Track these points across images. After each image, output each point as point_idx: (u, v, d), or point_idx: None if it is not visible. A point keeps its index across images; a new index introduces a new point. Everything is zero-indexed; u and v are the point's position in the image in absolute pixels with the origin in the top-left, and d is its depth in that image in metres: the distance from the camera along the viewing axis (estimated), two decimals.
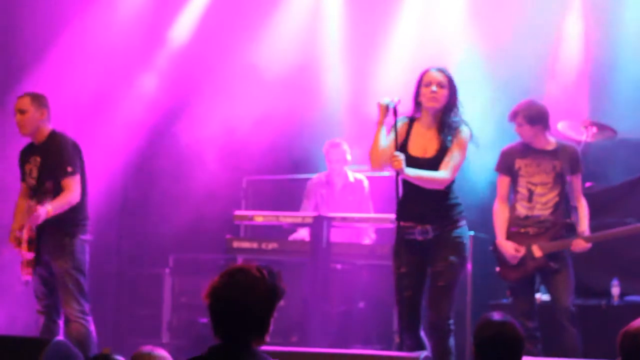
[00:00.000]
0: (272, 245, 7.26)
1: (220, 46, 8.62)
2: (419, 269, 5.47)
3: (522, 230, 6.22)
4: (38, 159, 6.17)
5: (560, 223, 6.19)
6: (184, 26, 8.97)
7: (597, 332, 6.33)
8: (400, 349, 5.57)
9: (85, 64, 8.44)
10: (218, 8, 8.86)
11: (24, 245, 6.03)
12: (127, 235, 9.01)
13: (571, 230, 6.22)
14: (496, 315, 3.67)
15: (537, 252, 6.14)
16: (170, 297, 8.43)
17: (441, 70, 5.50)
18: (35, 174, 6.17)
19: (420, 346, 5.41)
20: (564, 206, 6.20)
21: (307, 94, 8.67)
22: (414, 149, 5.44)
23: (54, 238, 6.05)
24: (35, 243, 6.03)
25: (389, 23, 8.73)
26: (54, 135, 6.22)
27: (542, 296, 6.65)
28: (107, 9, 8.65)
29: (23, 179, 6.31)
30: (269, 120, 8.51)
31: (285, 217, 7.33)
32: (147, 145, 8.69)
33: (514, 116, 6.28)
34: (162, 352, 3.83)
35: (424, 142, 5.46)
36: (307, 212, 7.55)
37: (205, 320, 7.97)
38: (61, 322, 6.18)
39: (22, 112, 6.15)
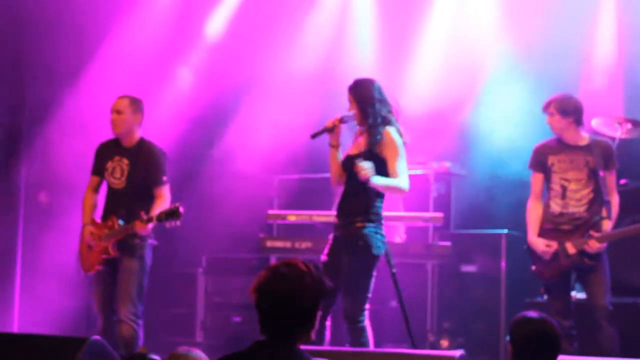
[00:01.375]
0: (305, 245, 7.27)
1: (253, 47, 8.63)
2: (334, 262, 5.76)
3: (557, 227, 6.18)
4: (126, 161, 6.33)
5: (593, 218, 6.13)
6: (218, 27, 9.01)
7: (633, 330, 6.28)
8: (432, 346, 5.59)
9: (122, 65, 8.51)
10: (251, 8, 8.88)
11: (110, 245, 6.20)
12: (160, 235, 9.04)
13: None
14: (533, 313, 3.64)
15: (570, 249, 6.10)
16: (203, 296, 8.47)
17: (348, 89, 5.94)
18: (119, 175, 6.33)
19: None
20: (600, 202, 6.14)
21: (339, 92, 8.65)
22: (353, 150, 5.87)
23: (126, 239, 6.21)
24: (118, 243, 6.24)
25: (421, 22, 8.70)
26: (145, 143, 6.40)
27: (577, 294, 6.60)
28: (144, 9, 8.72)
29: (97, 173, 6.46)
30: (301, 119, 8.51)
31: (318, 216, 7.33)
32: (180, 147, 8.71)
33: (547, 106, 6.25)
34: (199, 353, 3.83)
35: (357, 143, 5.88)
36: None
37: (238, 319, 8.01)
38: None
39: (118, 112, 6.32)
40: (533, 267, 6.29)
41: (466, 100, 8.23)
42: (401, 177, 5.72)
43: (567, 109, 6.16)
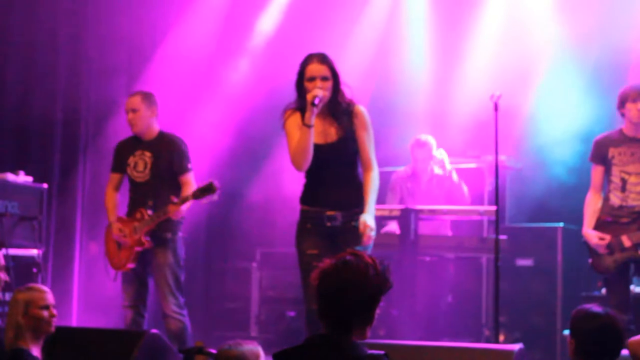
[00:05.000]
0: None
1: (305, 45, 8.64)
2: (326, 254, 4.92)
3: (616, 220, 6.10)
4: (148, 154, 6.29)
5: None
6: (268, 26, 9.05)
7: None
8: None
9: (175, 63, 8.59)
10: (302, 6, 8.90)
11: (142, 236, 6.16)
12: (215, 229, 9.12)
13: None
14: (597, 308, 3.58)
15: (626, 242, 6.02)
16: (257, 290, 8.51)
17: (323, 61, 5.17)
18: (142, 168, 6.28)
19: None
20: None
21: (391, 88, 8.63)
22: (315, 137, 5.12)
23: (157, 233, 6.18)
24: (150, 234, 6.20)
25: (475, 14, 8.64)
26: (165, 135, 6.39)
27: (636, 288, 6.52)
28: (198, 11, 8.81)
29: (118, 170, 6.42)
30: None
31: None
32: (235, 141, 8.77)
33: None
34: (247, 346, 3.81)
35: (322, 129, 5.18)
36: (394, 205, 7.52)
37: (293, 313, 8.03)
38: (147, 316, 6.30)
39: (134, 110, 6.28)
40: (590, 260, 6.22)
41: (521, 93, 8.16)
42: (375, 167, 5.29)
43: None
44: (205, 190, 6.03)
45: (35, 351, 4.39)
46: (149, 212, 6.18)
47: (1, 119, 7.96)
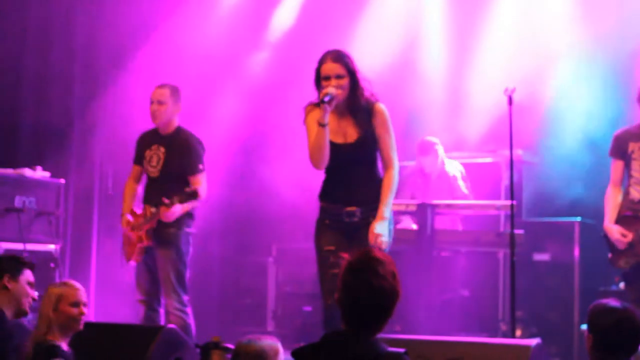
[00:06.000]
0: None
1: (320, 40, 8.64)
2: (343, 250, 5.02)
3: (636, 214, 6.06)
4: (162, 150, 6.21)
5: None
6: (284, 22, 9.04)
7: None
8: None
9: (192, 56, 8.60)
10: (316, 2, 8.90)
11: (143, 233, 6.11)
12: (231, 224, 9.12)
13: None
14: (615, 302, 3.56)
15: None
16: (274, 286, 8.52)
17: (337, 59, 5.10)
18: (155, 163, 6.22)
19: None
20: None
21: (408, 82, 8.61)
22: (333, 136, 5.11)
23: (160, 228, 6.09)
24: (152, 232, 6.13)
25: (492, 7, 8.61)
26: (181, 131, 6.29)
27: None
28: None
29: (138, 162, 6.36)
30: None
31: None
32: (251, 135, 8.77)
33: None
34: (266, 341, 3.80)
35: (341, 128, 5.16)
36: (410, 200, 7.51)
37: (309, 308, 8.04)
38: (162, 311, 6.22)
39: (160, 102, 6.18)
40: (609, 255, 6.18)
41: (539, 87, 8.12)
42: (395, 165, 5.21)
43: None
44: (189, 196, 5.94)
45: (64, 347, 4.38)
46: (153, 209, 6.08)
47: (18, 114, 7.99)
